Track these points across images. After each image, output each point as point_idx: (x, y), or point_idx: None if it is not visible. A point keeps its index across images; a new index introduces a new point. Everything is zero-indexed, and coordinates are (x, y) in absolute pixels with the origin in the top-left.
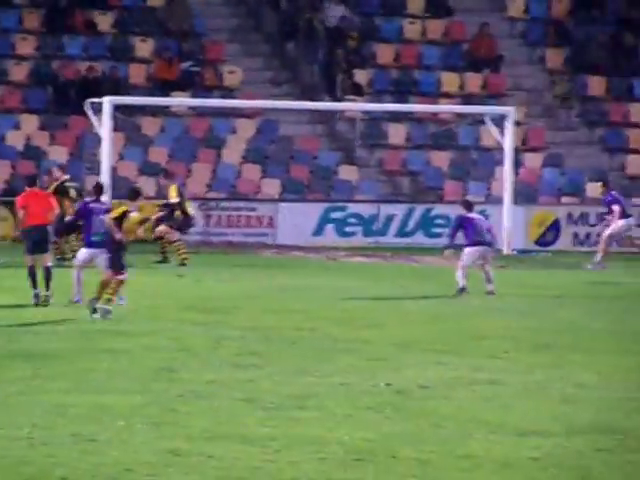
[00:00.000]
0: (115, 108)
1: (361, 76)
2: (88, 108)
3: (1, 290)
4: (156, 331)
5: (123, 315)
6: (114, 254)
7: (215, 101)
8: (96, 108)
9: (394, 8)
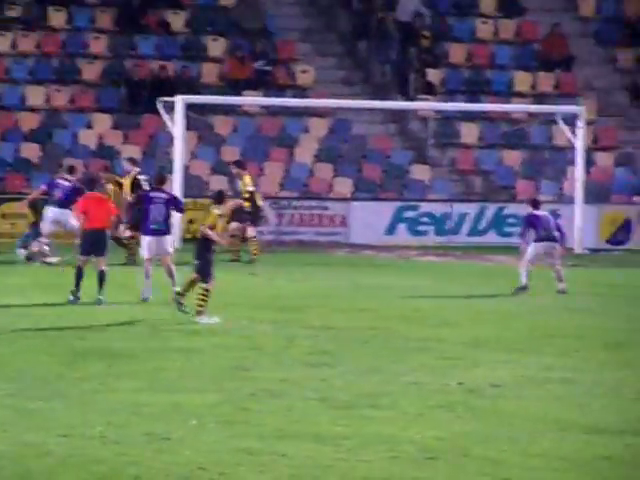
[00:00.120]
0: (187, 107)
1: (434, 75)
2: (161, 107)
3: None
4: (228, 330)
5: (193, 313)
6: (205, 262)
7: (288, 100)
8: (169, 107)
9: (466, 8)
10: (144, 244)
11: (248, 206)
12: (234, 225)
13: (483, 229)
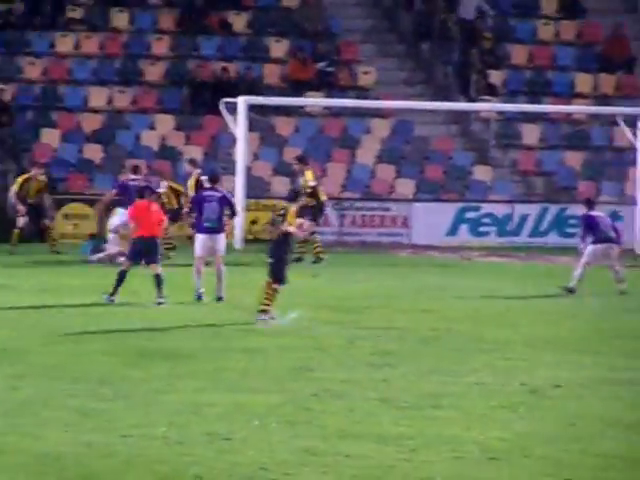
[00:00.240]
0: (250, 108)
1: (495, 76)
2: (223, 108)
3: (132, 291)
4: (291, 330)
5: (256, 314)
6: (280, 261)
7: (350, 101)
8: (231, 108)
9: (528, 9)
10: (198, 242)
11: (309, 202)
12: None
13: (544, 230)
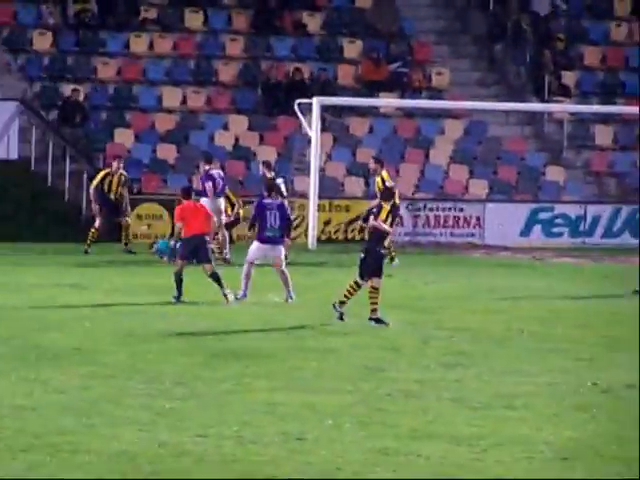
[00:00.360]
0: (323, 109)
1: (568, 78)
2: (297, 109)
3: (206, 289)
4: (364, 330)
5: (329, 314)
6: (376, 257)
7: (423, 102)
8: (305, 109)
9: (601, 11)
10: (254, 248)
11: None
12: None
13: (617, 231)
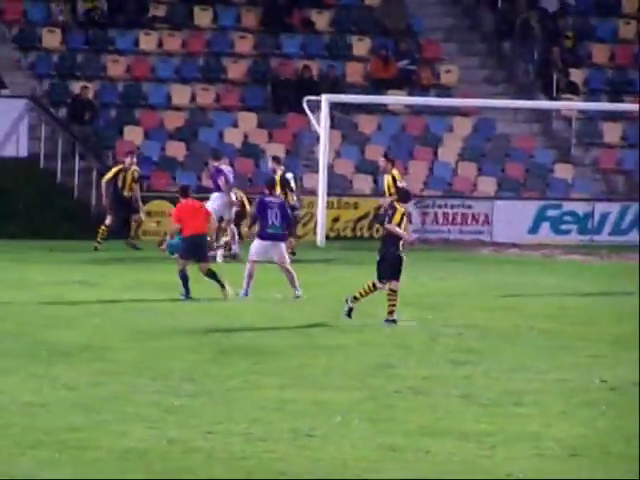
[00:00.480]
0: (332, 106)
1: (577, 75)
2: (306, 106)
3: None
4: (372, 327)
5: (338, 311)
6: (392, 260)
7: (432, 99)
8: (313, 106)
9: (609, 8)
10: (255, 246)
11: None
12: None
13: (625, 228)
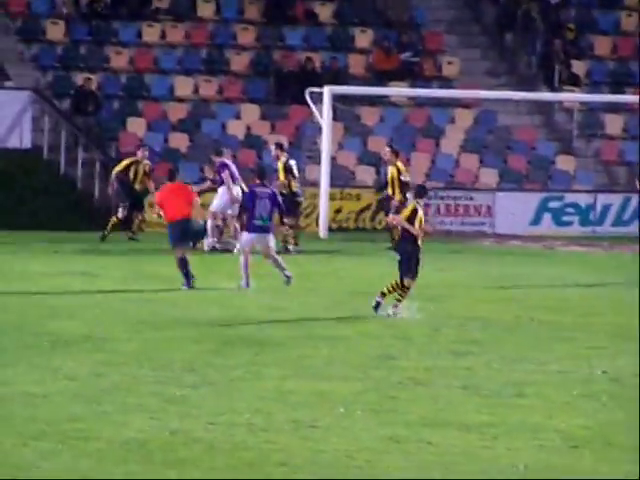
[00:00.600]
0: (335, 98)
1: (578, 67)
2: (308, 98)
3: (216, 276)
4: (374, 318)
5: (339, 302)
6: (408, 256)
7: (434, 91)
8: (316, 98)
9: (611, 0)
10: (245, 239)
11: (399, 199)
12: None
13: (627, 220)
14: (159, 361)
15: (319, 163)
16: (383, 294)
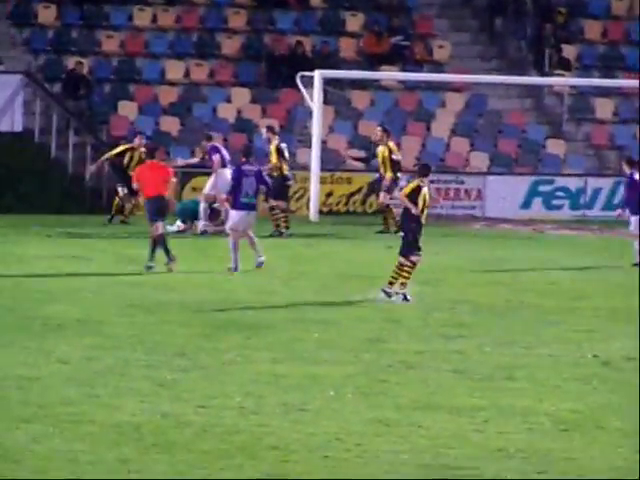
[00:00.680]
0: (325, 82)
1: (569, 51)
2: (299, 82)
3: (208, 260)
4: (365, 302)
5: (330, 286)
6: (409, 233)
7: (424, 75)
8: (307, 82)
9: None
10: (235, 218)
11: (390, 177)
12: (383, 196)
13: (617, 204)
14: (151, 345)
15: (310, 147)
16: (391, 283)
